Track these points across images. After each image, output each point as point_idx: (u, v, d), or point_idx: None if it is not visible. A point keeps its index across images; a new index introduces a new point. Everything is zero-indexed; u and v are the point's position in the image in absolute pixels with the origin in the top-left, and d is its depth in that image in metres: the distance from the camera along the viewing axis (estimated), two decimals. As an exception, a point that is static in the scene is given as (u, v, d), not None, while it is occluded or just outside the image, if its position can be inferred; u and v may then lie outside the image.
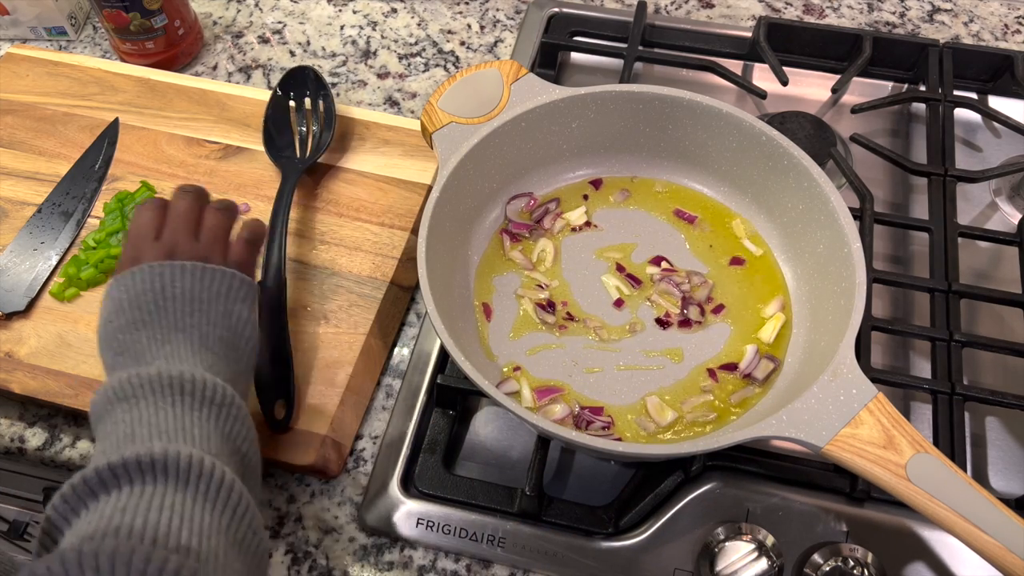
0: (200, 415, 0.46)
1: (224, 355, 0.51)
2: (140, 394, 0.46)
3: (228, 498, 0.43)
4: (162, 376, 0.46)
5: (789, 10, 0.87)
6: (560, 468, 0.61)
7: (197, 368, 0.48)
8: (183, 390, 0.46)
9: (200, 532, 0.40)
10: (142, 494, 0.41)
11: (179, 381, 0.47)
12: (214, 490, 0.42)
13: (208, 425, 0.46)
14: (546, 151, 0.66)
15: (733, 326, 0.61)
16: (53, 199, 0.71)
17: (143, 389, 0.46)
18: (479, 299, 0.63)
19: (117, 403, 0.46)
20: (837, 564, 0.53)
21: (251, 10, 0.88)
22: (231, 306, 0.52)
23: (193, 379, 0.47)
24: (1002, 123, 0.73)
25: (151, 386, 0.46)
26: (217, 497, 0.42)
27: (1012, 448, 0.61)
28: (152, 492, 0.41)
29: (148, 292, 0.50)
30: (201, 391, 0.47)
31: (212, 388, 0.47)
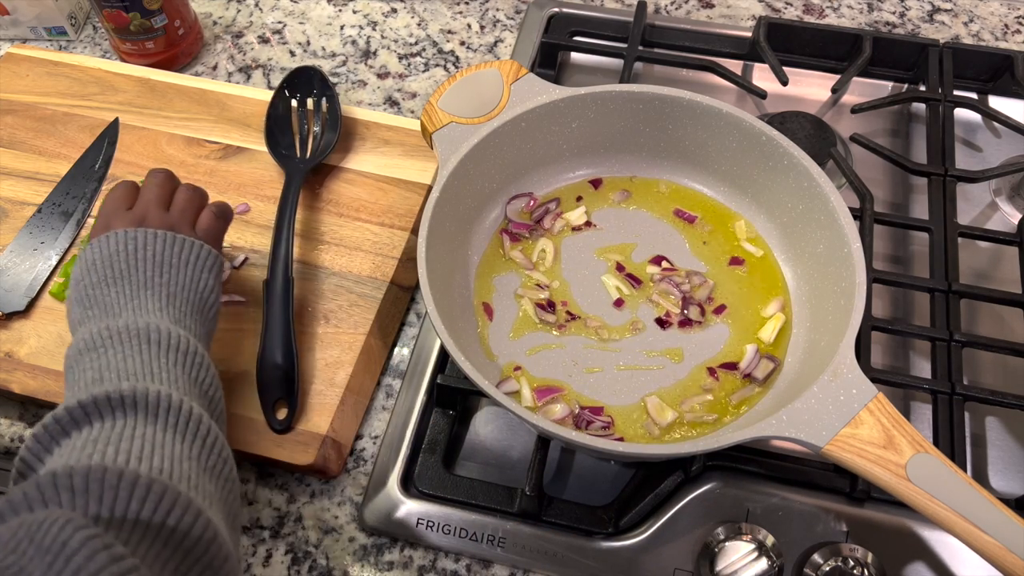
0: (167, 361, 0.48)
1: (190, 315, 0.53)
2: (108, 344, 0.48)
3: (197, 429, 0.44)
4: (130, 327, 0.48)
5: (789, 10, 0.87)
6: (560, 468, 0.61)
7: (164, 321, 0.50)
8: (150, 339, 0.48)
9: (171, 457, 0.41)
10: (112, 427, 0.42)
11: (146, 331, 0.48)
12: (183, 422, 0.44)
13: (176, 370, 0.48)
14: (546, 151, 0.66)
15: (733, 326, 0.61)
16: (53, 199, 0.71)
17: (111, 340, 0.48)
18: (479, 299, 0.63)
19: (86, 353, 0.48)
20: (837, 564, 0.53)
21: (251, 10, 0.88)
22: (198, 273, 0.54)
23: (159, 329, 0.49)
24: (1002, 123, 0.73)
25: (119, 336, 0.48)
26: (187, 428, 0.44)
27: (1012, 448, 0.61)
28: (123, 425, 0.42)
29: (120, 253, 0.52)
30: (167, 340, 0.48)
31: (178, 338, 0.49)
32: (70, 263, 0.66)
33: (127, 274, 0.51)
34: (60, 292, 0.65)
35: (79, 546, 0.32)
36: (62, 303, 0.65)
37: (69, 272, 0.66)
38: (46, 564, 0.32)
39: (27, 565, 0.33)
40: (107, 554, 0.33)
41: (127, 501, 0.37)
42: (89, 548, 0.32)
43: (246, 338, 0.63)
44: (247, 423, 0.59)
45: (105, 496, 0.36)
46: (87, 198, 0.71)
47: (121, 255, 0.52)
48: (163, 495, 0.38)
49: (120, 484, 0.37)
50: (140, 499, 0.37)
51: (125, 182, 0.59)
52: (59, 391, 0.61)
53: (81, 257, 0.53)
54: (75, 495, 0.36)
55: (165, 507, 0.38)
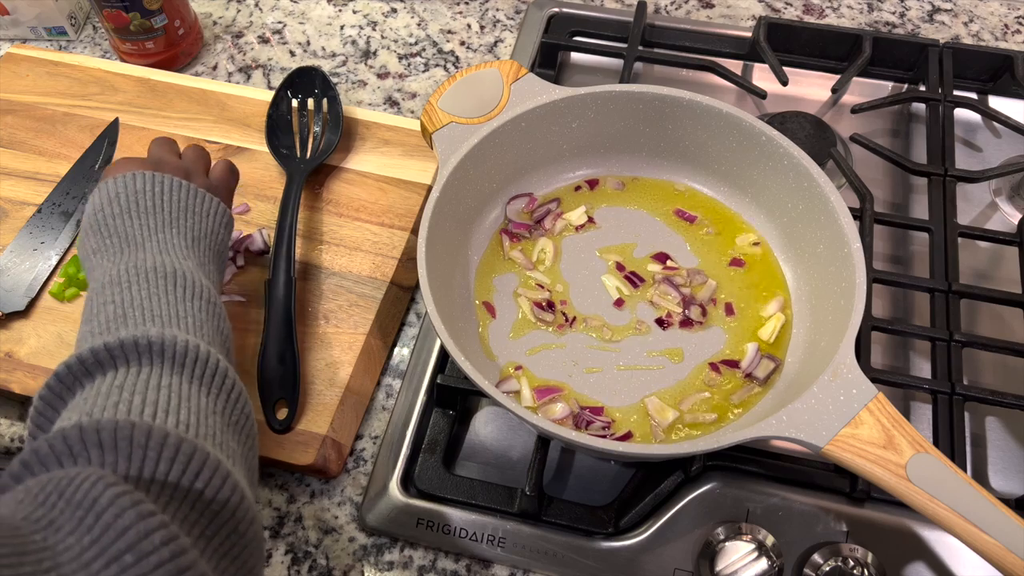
0: (192, 306, 0.47)
1: (212, 261, 0.53)
2: (134, 280, 0.47)
3: (223, 383, 0.44)
4: (157, 267, 0.48)
5: (789, 10, 0.87)
6: (560, 468, 0.61)
7: (189, 263, 0.49)
8: (176, 282, 0.47)
9: (197, 412, 0.41)
10: (139, 374, 0.41)
11: (172, 273, 0.48)
12: (209, 375, 0.43)
13: (200, 316, 0.47)
14: (546, 151, 0.66)
15: (733, 326, 0.61)
16: (53, 199, 0.71)
17: (138, 276, 0.47)
18: (479, 299, 0.63)
19: (109, 286, 0.47)
20: (837, 564, 0.53)
21: (251, 10, 0.88)
22: (218, 227, 0.55)
23: (185, 274, 0.48)
24: (1002, 123, 0.73)
25: (145, 274, 0.47)
26: (212, 382, 0.43)
27: (1012, 448, 0.61)
28: (149, 373, 0.41)
29: (146, 192, 0.51)
30: (192, 286, 0.48)
31: (203, 285, 0.49)
32: (70, 263, 0.66)
33: (152, 211, 0.51)
34: (60, 292, 0.65)
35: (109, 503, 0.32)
36: (62, 303, 0.65)
37: (69, 272, 0.66)
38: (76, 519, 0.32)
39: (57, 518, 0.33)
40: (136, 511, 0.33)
41: (156, 461, 0.36)
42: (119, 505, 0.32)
43: (247, 338, 0.63)
44: (247, 423, 0.59)
45: (134, 454, 0.36)
46: (87, 198, 0.71)
47: (147, 194, 0.51)
48: (192, 455, 0.37)
49: (149, 443, 0.36)
50: (169, 459, 0.37)
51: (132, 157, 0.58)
52: (59, 391, 0.61)
53: (102, 188, 0.52)
54: (104, 451, 0.36)
55: (194, 468, 0.37)
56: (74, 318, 0.64)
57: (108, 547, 0.32)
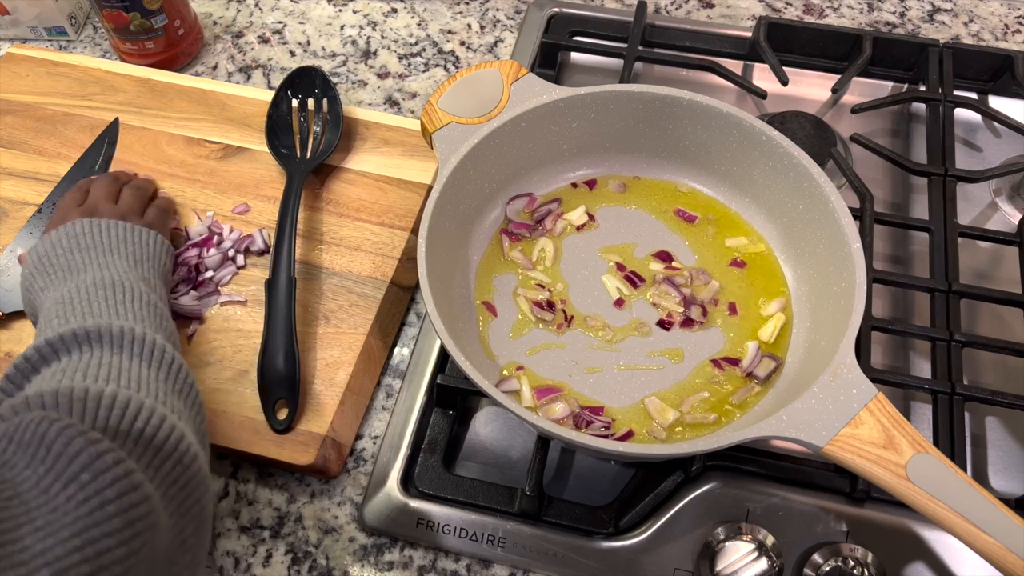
0: (132, 306, 0.50)
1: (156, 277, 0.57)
2: (76, 295, 0.50)
3: (162, 358, 0.47)
4: (96, 282, 0.51)
5: (789, 10, 0.87)
6: (560, 468, 0.61)
7: (130, 276, 0.53)
8: (115, 290, 0.51)
9: (139, 379, 0.44)
10: (80, 359, 0.45)
11: (111, 284, 0.51)
12: (147, 351, 0.47)
13: (141, 312, 0.51)
14: (546, 151, 0.66)
15: (733, 326, 0.61)
16: (53, 199, 0.71)
17: (80, 291, 0.50)
18: (479, 299, 0.63)
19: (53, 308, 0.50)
20: (837, 564, 0.53)
21: (251, 10, 0.88)
22: (160, 253, 0.59)
23: (124, 284, 0.52)
24: (1002, 123, 0.73)
25: (87, 289, 0.51)
26: (151, 356, 0.47)
27: (1012, 448, 0.61)
28: (90, 356, 0.45)
29: (85, 235, 0.56)
30: (131, 290, 0.52)
31: (142, 291, 0.52)
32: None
33: (91, 246, 0.55)
34: (60, 292, 0.65)
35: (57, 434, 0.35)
36: (62, 303, 0.65)
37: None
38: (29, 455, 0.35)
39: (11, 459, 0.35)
40: (84, 438, 0.35)
41: (95, 410, 0.40)
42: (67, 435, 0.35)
43: (247, 338, 0.63)
44: (247, 423, 0.59)
45: (74, 407, 0.39)
46: None
47: (86, 236, 0.56)
48: (129, 401, 0.41)
49: (87, 396, 0.40)
50: (108, 407, 0.40)
51: (77, 185, 0.65)
52: (59, 391, 0.61)
53: (43, 240, 0.56)
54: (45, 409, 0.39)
55: (132, 411, 0.41)
56: (74, 318, 0.64)
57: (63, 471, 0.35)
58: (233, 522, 0.59)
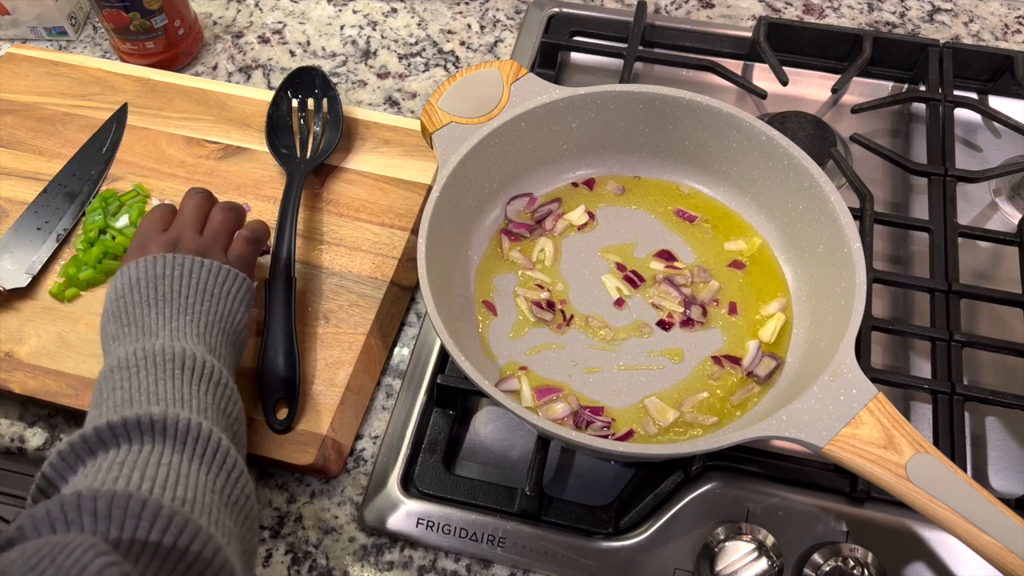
0: (198, 389, 0.48)
1: (224, 344, 0.53)
2: (142, 365, 0.48)
3: (224, 462, 0.44)
4: (165, 350, 0.49)
5: (789, 10, 0.87)
6: (560, 468, 0.61)
7: (199, 348, 0.50)
8: (184, 365, 0.48)
9: (195, 489, 0.42)
10: (140, 452, 0.42)
11: (181, 357, 0.49)
12: (210, 453, 0.44)
13: (206, 399, 0.48)
14: (546, 151, 0.66)
15: (734, 326, 0.61)
16: (59, 180, 0.71)
17: (146, 360, 0.48)
18: (479, 298, 0.63)
19: (118, 371, 0.48)
20: (837, 564, 0.53)
21: (251, 10, 0.88)
22: (235, 305, 0.55)
23: (194, 356, 0.49)
24: (1002, 123, 0.73)
25: (154, 358, 0.48)
26: (213, 460, 0.44)
27: (1012, 448, 0.61)
28: (151, 451, 0.42)
29: (165, 277, 0.53)
30: (201, 368, 0.49)
31: (212, 367, 0.49)
32: (70, 264, 0.66)
33: (168, 297, 0.52)
34: (60, 292, 0.65)
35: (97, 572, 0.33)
36: (62, 303, 0.65)
37: (69, 272, 0.65)
38: None
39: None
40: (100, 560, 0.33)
41: (148, 531, 0.37)
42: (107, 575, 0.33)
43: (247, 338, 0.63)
44: (247, 423, 0.59)
45: (127, 523, 0.37)
46: (92, 180, 0.71)
47: (165, 279, 0.53)
48: (184, 527, 0.38)
49: (143, 513, 0.37)
50: (161, 529, 0.37)
51: (162, 205, 0.60)
52: (59, 391, 0.61)
53: (123, 273, 0.54)
54: (97, 520, 0.37)
55: (185, 540, 0.38)
56: (74, 318, 0.64)
57: None
58: (233, 522, 0.59)
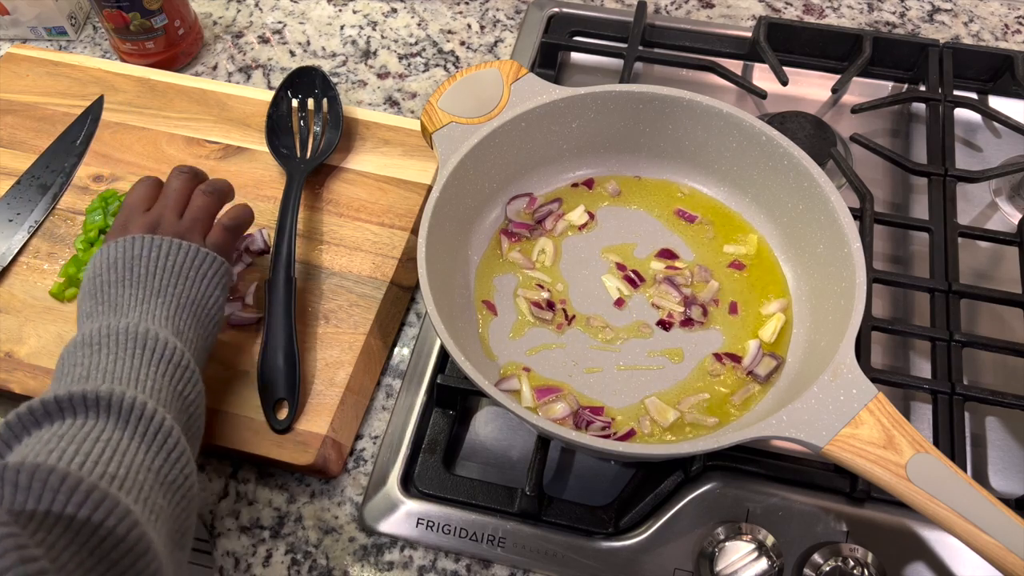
0: (156, 370, 0.49)
1: (193, 328, 0.54)
2: (104, 343, 0.49)
3: (165, 442, 0.45)
4: (129, 330, 0.50)
5: (789, 10, 0.87)
6: (560, 468, 0.61)
7: (166, 330, 0.51)
8: (145, 346, 0.49)
9: (129, 466, 0.43)
10: (82, 427, 0.44)
11: (144, 337, 0.50)
12: (152, 433, 0.45)
13: (162, 380, 0.49)
14: (546, 151, 0.66)
15: (734, 326, 0.61)
16: (32, 172, 0.72)
17: (109, 339, 0.49)
18: (479, 298, 0.63)
19: (82, 347, 0.49)
20: (837, 564, 0.53)
21: (251, 10, 0.88)
22: (210, 289, 0.56)
23: (157, 337, 0.50)
24: (1002, 123, 0.73)
25: (117, 337, 0.49)
26: (154, 440, 0.45)
27: (1012, 448, 0.61)
28: (92, 426, 0.44)
29: (142, 258, 0.54)
30: (162, 349, 0.50)
31: (173, 349, 0.50)
32: (70, 263, 0.66)
33: (143, 279, 0.53)
34: (60, 292, 0.65)
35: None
36: (62, 303, 0.65)
37: (69, 272, 0.65)
38: None
39: None
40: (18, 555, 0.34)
41: (64, 504, 0.38)
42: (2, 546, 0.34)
43: (247, 338, 0.63)
44: (247, 423, 0.59)
45: (44, 496, 0.38)
46: (66, 172, 0.71)
47: (142, 261, 0.54)
48: (101, 502, 0.39)
49: (61, 487, 0.38)
50: (77, 503, 0.38)
51: (148, 177, 0.61)
52: (59, 391, 0.61)
53: (104, 252, 0.54)
54: (17, 490, 0.38)
55: (100, 515, 0.39)
56: (74, 318, 0.64)
57: None
58: (233, 522, 0.59)
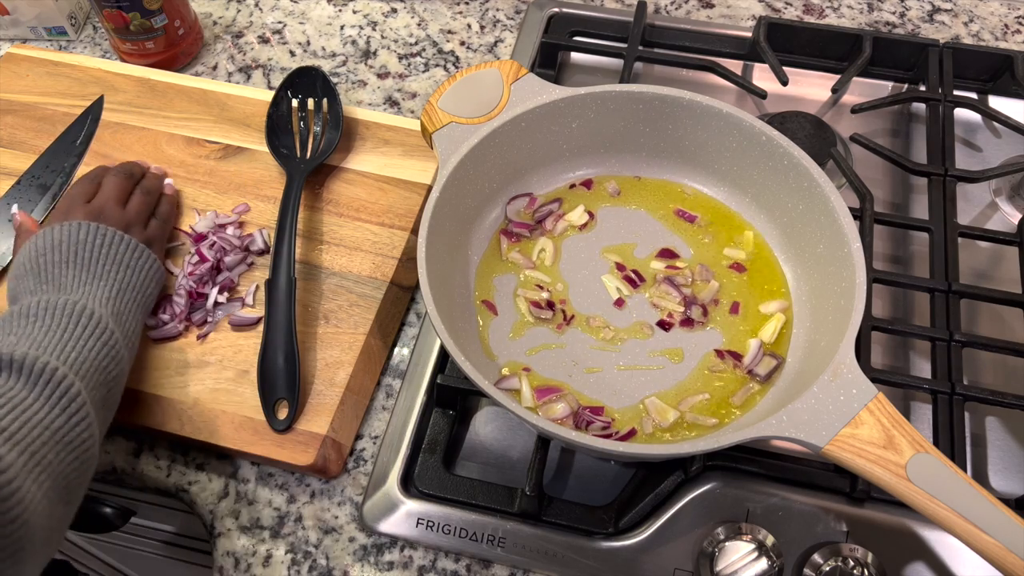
0: (85, 345, 0.52)
1: (131, 312, 0.58)
2: (41, 315, 0.52)
3: (68, 406, 0.48)
4: (67, 305, 0.53)
5: (789, 10, 0.87)
6: (560, 468, 0.61)
7: (105, 310, 0.54)
8: (79, 322, 0.52)
9: (26, 423, 0.46)
10: None
11: (79, 313, 0.52)
12: (57, 396, 0.48)
13: (88, 354, 0.52)
14: (546, 151, 0.66)
15: (734, 326, 0.61)
16: (33, 172, 0.72)
17: (46, 312, 0.52)
18: (479, 298, 0.63)
19: (20, 317, 0.52)
20: (837, 564, 0.53)
21: (251, 10, 0.88)
22: (147, 282, 0.60)
23: (92, 314, 0.53)
24: (1002, 123, 0.73)
25: (54, 311, 0.52)
26: (58, 402, 0.48)
27: (1012, 448, 0.61)
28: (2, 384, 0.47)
29: (86, 244, 0.57)
30: (95, 326, 0.53)
31: (105, 327, 0.53)
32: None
33: (86, 263, 0.57)
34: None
35: None
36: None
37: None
38: None
39: None
40: None
41: None
42: None
43: (247, 338, 0.63)
44: (247, 423, 0.59)
45: None
46: (66, 172, 0.72)
47: (87, 246, 0.57)
48: None
49: None
50: None
51: (89, 174, 0.65)
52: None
53: (45, 234, 0.57)
54: None
55: None
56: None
57: None
58: (233, 522, 0.59)
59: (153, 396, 0.60)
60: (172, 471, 0.61)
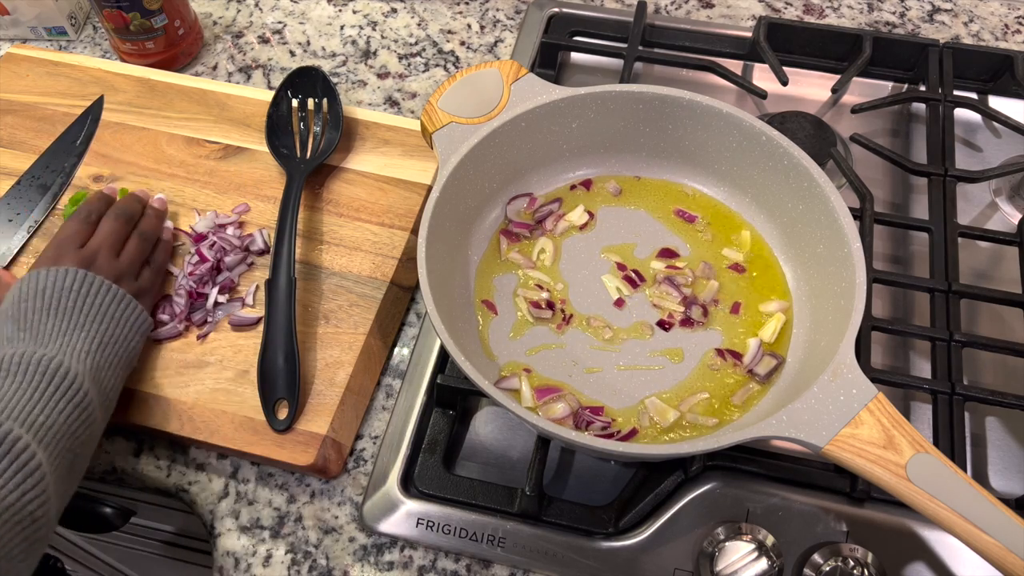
0: (56, 407, 0.49)
1: (112, 366, 0.55)
2: (13, 371, 0.50)
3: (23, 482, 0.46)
4: (42, 361, 0.50)
5: (789, 10, 0.87)
6: (560, 468, 0.61)
7: (82, 366, 0.52)
8: (52, 381, 0.50)
9: None
10: None
11: (54, 371, 0.50)
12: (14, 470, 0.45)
13: (58, 417, 0.49)
14: (546, 151, 0.66)
15: (734, 326, 0.61)
16: (33, 172, 0.72)
17: (20, 367, 0.50)
18: (479, 298, 0.63)
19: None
20: (837, 564, 0.53)
21: (251, 10, 0.88)
22: (131, 335, 0.58)
23: (68, 373, 0.51)
24: (1002, 123, 0.73)
25: (27, 367, 0.50)
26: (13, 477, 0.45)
27: (1012, 448, 0.61)
28: None
29: (72, 292, 0.55)
30: (68, 386, 0.50)
31: (79, 388, 0.51)
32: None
33: (69, 312, 0.54)
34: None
35: None
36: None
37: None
38: None
39: None
40: None
41: None
42: None
43: (247, 338, 0.63)
44: (247, 423, 0.59)
45: None
46: (66, 172, 0.72)
47: (71, 294, 0.55)
48: None
49: None
50: None
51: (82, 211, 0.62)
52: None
53: (31, 278, 0.55)
54: None
55: None
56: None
57: None
58: (233, 522, 0.59)
59: (153, 396, 0.60)
60: (172, 471, 0.61)
